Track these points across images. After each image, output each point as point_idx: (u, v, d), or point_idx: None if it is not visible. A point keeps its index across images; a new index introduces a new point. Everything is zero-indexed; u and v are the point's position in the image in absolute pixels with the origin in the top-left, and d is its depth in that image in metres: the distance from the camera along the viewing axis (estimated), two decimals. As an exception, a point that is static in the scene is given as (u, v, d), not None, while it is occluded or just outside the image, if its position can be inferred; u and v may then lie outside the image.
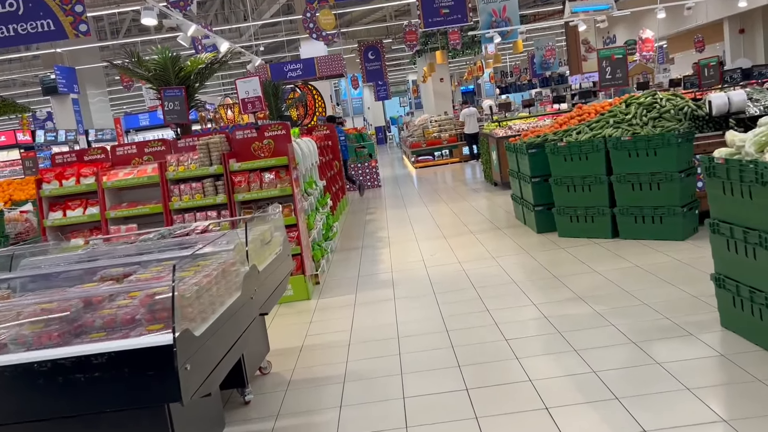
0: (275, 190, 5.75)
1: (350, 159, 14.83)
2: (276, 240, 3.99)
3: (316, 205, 7.93)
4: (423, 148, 18.72)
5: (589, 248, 6.17)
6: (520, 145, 7.28)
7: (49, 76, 19.37)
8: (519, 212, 7.98)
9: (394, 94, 44.01)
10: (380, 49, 21.28)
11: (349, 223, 10.01)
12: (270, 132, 5.99)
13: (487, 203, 10.06)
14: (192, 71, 5.98)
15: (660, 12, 13.24)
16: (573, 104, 14.14)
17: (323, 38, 10.49)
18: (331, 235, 8.12)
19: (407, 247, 7.48)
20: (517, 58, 38.77)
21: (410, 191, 13.15)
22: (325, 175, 10.09)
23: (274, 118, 11.78)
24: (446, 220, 8.99)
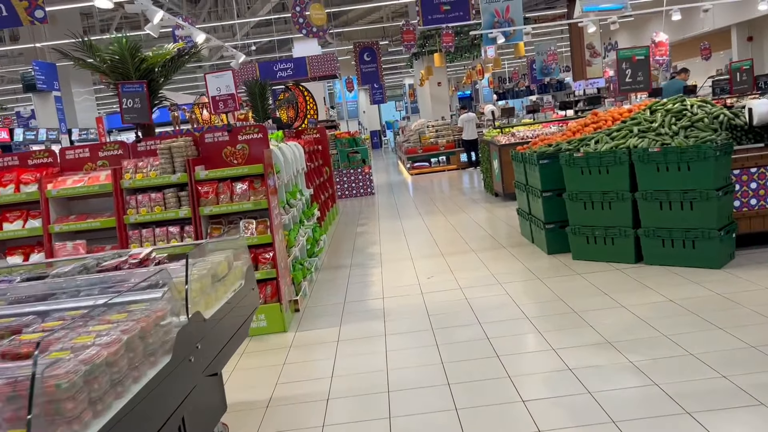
0: (248, 203, 4.92)
1: (342, 165, 14.02)
2: (236, 272, 3.17)
3: (300, 218, 7.12)
4: (419, 154, 17.93)
5: (610, 275, 5.37)
6: (530, 154, 6.49)
7: (30, 72, 18.51)
8: (526, 229, 7.18)
9: (390, 98, 43.23)
10: (376, 50, 20.50)
11: (338, 235, 9.19)
12: (244, 135, 5.18)
13: (488, 216, 9.26)
14: (156, 64, 5.15)
15: (675, 14, 12.51)
16: (577, 111, 13.38)
17: (314, 34, 9.70)
18: (317, 250, 7.30)
19: (401, 266, 6.67)
20: (516, 63, 38.12)
21: (405, 200, 12.34)
22: (312, 182, 9.28)
23: (261, 120, 10.96)
24: (444, 234, 8.18)
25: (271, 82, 14.17)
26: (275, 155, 6.23)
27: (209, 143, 5.18)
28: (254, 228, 4.95)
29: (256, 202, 4.91)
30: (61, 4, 13.10)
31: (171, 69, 5.24)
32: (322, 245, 7.95)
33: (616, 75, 6.51)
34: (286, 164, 6.71)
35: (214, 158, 5.18)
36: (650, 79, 6.48)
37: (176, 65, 5.26)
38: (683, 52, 24.14)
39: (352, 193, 13.99)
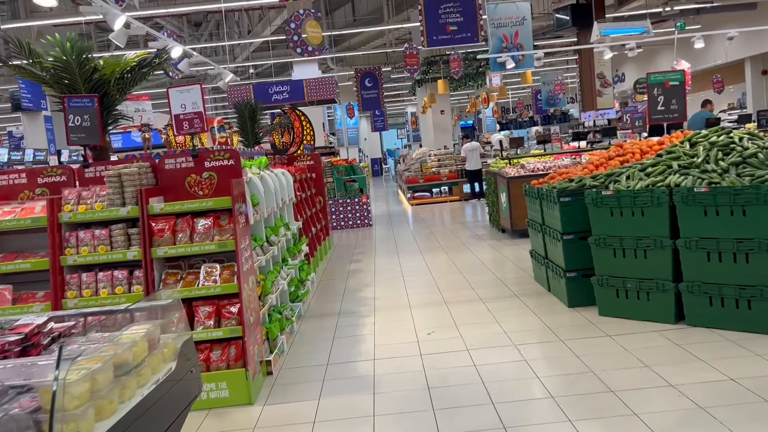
0: (211, 243, 4.05)
1: (338, 194, 13.19)
2: (164, 351, 2.28)
3: (284, 255, 6.24)
4: (420, 184, 17.12)
5: (647, 339, 4.47)
6: (549, 190, 5.63)
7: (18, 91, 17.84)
8: (541, 275, 6.29)
9: (392, 125, 42.72)
10: (378, 76, 19.87)
11: (329, 273, 8.29)
12: (212, 161, 4.32)
13: (495, 256, 8.37)
14: (111, 75, 4.33)
15: (698, 41, 11.80)
16: (591, 142, 12.60)
17: (309, 53, 8.95)
18: (302, 293, 6.40)
19: (397, 316, 5.76)
20: (520, 93, 37.60)
21: (404, 233, 11.47)
22: (303, 214, 8.42)
23: (250, 145, 10.15)
24: (447, 277, 7.29)
25: (265, 105, 13.44)
26: (254, 185, 5.38)
27: (170, 170, 4.33)
28: (218, 274, 4.07)
29: (221, 242, 4.04)
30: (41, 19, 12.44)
31: (129, 82, 4.41)
32: (309, 286, 7.05)
33: (648, 102, 5.72)
34: (268, 195, 5.86)
35: (175, 188, 4.33)
36: (685, 108, 5.68)
37: (136, 77, 4.44)
38: (695, 85, 23.48)
39: (348, 224, 13.13)
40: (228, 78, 9.03)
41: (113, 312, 2.38)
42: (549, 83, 24.56)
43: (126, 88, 4.42)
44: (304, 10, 8.70)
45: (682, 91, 5.61)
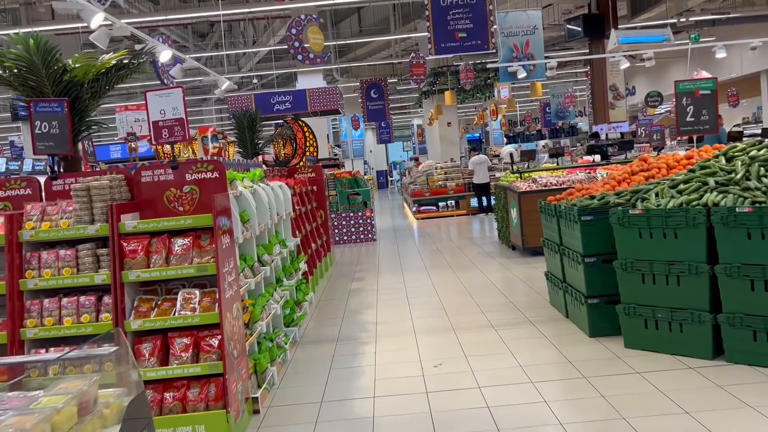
0: (189, 266, 3.57)
1: (341, 207, 12.72)
2: (102, 419, 1.79)
3: (278, 276, 5.76)
4: (426, 198, 16.64)
5: (682, 378, 3.95)
6: (568, 208, 5.14)
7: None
8: (557, 299, 5.78)
9: (397, 138, 42.35)
10: (384, 87, 19.48)
11: (329, 293, 7.79)
12: (194, 173, 3.86)
13: (505, 276, 7.86)
14: (83, 78, 3.88)
15: (720, 50, 11.33)
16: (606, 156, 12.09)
17: (311, 61, 8.53)
18: (297, 317, 5.91)
19: (401, 344, 5.25)
20: (528, 106, 37.17)
21: (410, 249, 10.97)
22: (302, 229, 7.95)
23: (249, 156, 9.71)
24: (455, 299, 6.78)
25: (267, 116, 13.03)
26: (245, 200, 4.92)
27: (147, 183, 3.87)
28: (198, 301, 3.59)
29: (201, 265, 3.56)
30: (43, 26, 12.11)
31: (104, 85, 3.96)
32: (307, 308, 6.56)
33: (675, 112, 5.25)
34: (261, 210, 5.39)
35: (153, 203, 3.86)
36: (717, 119, 5.20)
37: (112, 80, 3.99)
38: (707, 99, 23.03)
39: (351, 238, 12.65)
40: (224, 85, 8.60)
41: (41, 362, 1.90)
42: (558, 96, 24.15)
43: (101, 92, 3.97)
44: (306, 15, 8.29)
45: (714, 100, 5.13)
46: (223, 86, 8.63)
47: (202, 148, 6.07)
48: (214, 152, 6.10)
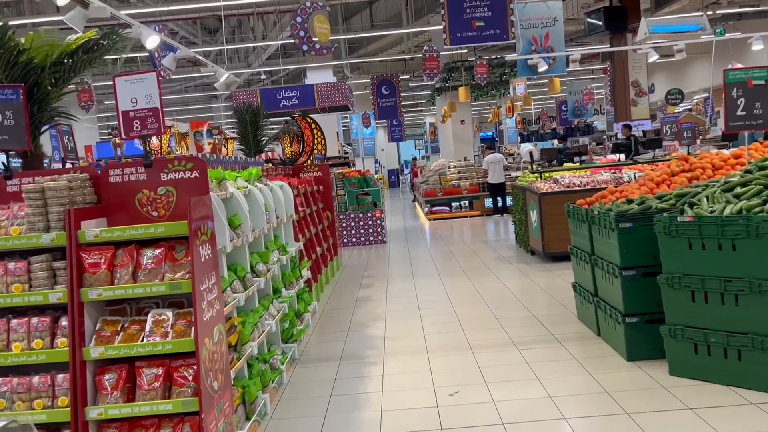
0: (161, 284, 3.00)
1: (350, 208, 12.15)
2: None
3: (275, 285, 5.21)
4: (438, 198, 16.03)
5: (744, 416, 3.34)
6: (603, 213, 4.52)
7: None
8: (587, 314, 5.17)
9: (409, 136, 41.74)
10: (395, 83, 18.88)
11: (334, 301, 7.22)
12: (170, 172, 3.30)
13: (525, 284, 7.25)
14: (43, 61, 3.33)
15: (757, 42, 10.62)
16: (631, 155, 11.44)
17: (316, 51, 7.97)
18: (297, 331, 5.34)
19: (412, 365, 4.67)
20: (542, 104, 36.39)
21: (421, 253, 10.38)
22: (306, 232, 7.39)
23: (252, 154, 9.17)
24: (471, 310, 6.18)
25: (273, 112, 12.49)
26: (236, 203, 4.37)
27: (116, 184, 3.31)
28: (170, 324, 3.02)
29: (175, 282, 2.99)
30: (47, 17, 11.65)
31: (69, 69, 3.41)
32: (309, 320, 6.00)
33: (724, 105, 4.64)
34: (256, 214, 4.84)
35: (124, 207, 3.31)
36: (773, 112, 4.58)
37: (77, 64, 3.44)
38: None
39: (360, 240, 12.08)
40: (224, 77, 8.05)
41: None
42: (575, 93, 23.43)
43: (65, 78, 3.42)
44: (312, 3, 7.73)
45: (768, 91, 4.53)
46: (222, 78, 8.07)
47: (194, 145, 5.52)
48: (208, 149, 5.55)
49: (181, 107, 29.56)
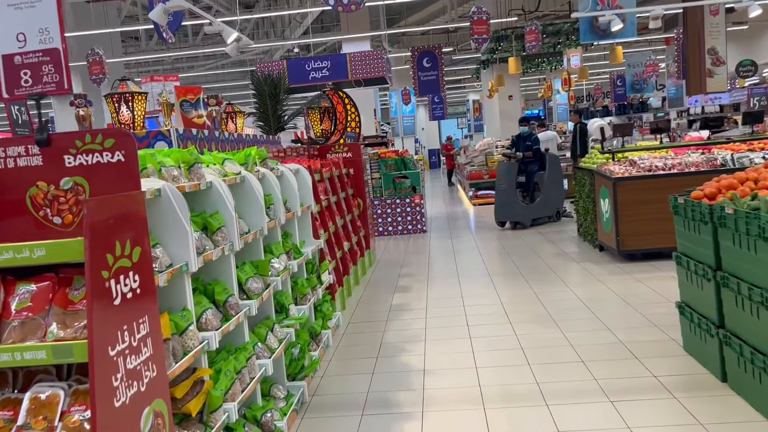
0: (39, 346, 1.75)
1: (386, 193, 10.83)
2: None
3: (281, 301, 3.97)
4: (485, 180, 14.58)
5: None
6: (751, 215, 3.08)
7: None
8: (704, 349, 3.74)
9: (451, 115, 40.02)
10: (438, 55, 17.35)
11: (362, 312, 5.95)
12: (80, 154, 2.03)
13: (600, 292, 5.83)
14: None
15: None
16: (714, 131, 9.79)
17: (345, 7, 6.64)
18: (309, 362, 4.08)
19: (463, 424, 3.36)
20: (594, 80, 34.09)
21: (467, 245, 9.02)
22: (330, 224, 6.13)
23: (272, 132, 7.94)
24: (536, 332, 4.82)
25: (301, 86, 11.24)
26: (215, 198, 3.11)
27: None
28: (59, 414, 1.78)
29: (61, 345, 1.74)
30: None
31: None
32: (328, 340, 4.75)
33: None
34: (250, 209, 3.59)
35: (8, 210, 2.07)
36: None
37: None
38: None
39: (397, 229, 10.78)
40: (232, 38, 6.74)
41: None
42: (634, 66, 21.46)
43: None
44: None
45: None
46: (229, 39, 6.77)
47: (180, 117, 4.28)
48: (197, 122, 4.31)
49: (214, 85, 28.60)
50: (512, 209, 9.96)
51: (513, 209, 9.96)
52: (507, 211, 10.00)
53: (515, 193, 9.98)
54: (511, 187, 9.90)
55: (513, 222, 10.07)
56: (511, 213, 10.00)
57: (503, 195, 9.98)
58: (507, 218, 10.07)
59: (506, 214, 10.06)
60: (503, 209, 10.02)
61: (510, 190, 9.92)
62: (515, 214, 9.99)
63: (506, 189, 9.93)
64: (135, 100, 3.95)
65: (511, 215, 10.02)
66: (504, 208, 10.00)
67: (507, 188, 9.92)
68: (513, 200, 9.92)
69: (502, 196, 9.99)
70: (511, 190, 9.92)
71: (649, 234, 6.78)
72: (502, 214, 10.09)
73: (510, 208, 9.95)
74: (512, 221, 10.06)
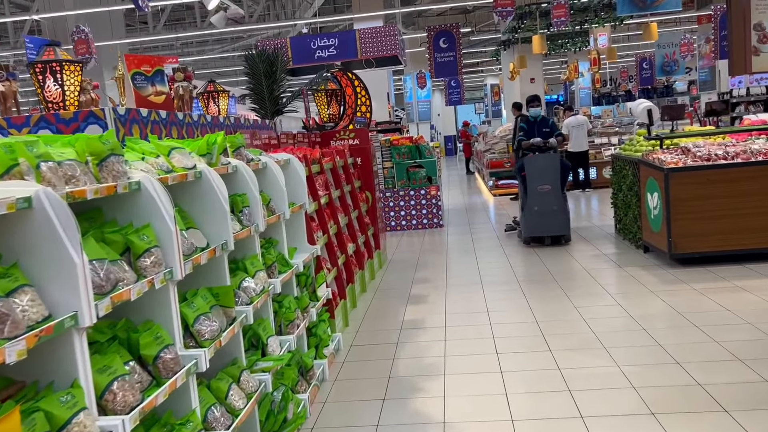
0: None
1: (399, 184, 9.85)
2: None
3: (259, 335, 3.03)
4: (506, 169, 13.53)
5: None
6: None
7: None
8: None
9: (468, 101, 38.77)
10: (456, 35, 16.24)
11: (368, 329, 5.00)
12: None
13: (654, 306, 4.82)
14: None
15: None
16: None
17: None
18: (293, 417, 3.14)
19: None
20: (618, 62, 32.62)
21: (489, 243, 8.03)
22: (331, 225, 5.19)
23: (269, 116, 6.96)
24: (584, 363, 3.83)
25: (305, 66, 10.27)
26: (144, 202, 2.16)
27: None
28: None
29: None
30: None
31: None
32: (323, 373, 3.82)
33: None
34: (210, 218, 2.68)
35: None
36: None
37: None
38: None
39: (411, 224, 9.81)
40: (213, 3, 5.76)
41: None
42: (665, 46, 20.16)
43: None
44: None
45: None
46: (210, 4, 5.76)
47: (132, 93, 3.34)
48: (154, 100, 3.37)
49: (223, 69, 27.65)
50: (556, 220, 7.37)
51: (556, 219, 7.38)
52: (549, 223, 7.38)
53: (561, 198, 7.37)
54: (557, 188, 7.34)
55: (553, 237, 7.51)
56: (553, 224, 7.40)
57: (544, 200, 7.30)
58: (548, 232, 7.43)
59: (548, 227, 7.40)
60: (544, 220, 7.38)
61: (555, 193, 7.32)
62: (558, 225, 7.41)
63: (551, 192, 7.31)
64: (65, 71, 3.01)
65: (553, 227, 7.42)
66: (544, 218, 7.36)
67: (553, 191, 7.31)
68: (560, 207, 7.36)
69: (543, 201, 7.31)
70: (556, 192, 7.33)
71: (708, 235, 5.75)
72: (542, 227, 7.41)
73: (553, 218, 7.36)
74: (552, 236, 7.49)
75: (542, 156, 7.52)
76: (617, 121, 14.63)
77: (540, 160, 7.49)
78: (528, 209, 7.47)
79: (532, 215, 7.42)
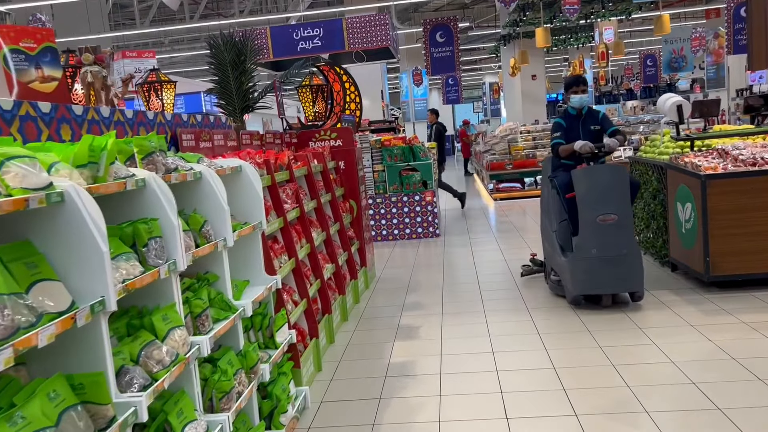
0: None
1: (391, 189, 8.91)
2: None
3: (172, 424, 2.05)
4: (507, 171, 12.63)
5: None
6: None
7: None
8: None
9: (466, 99, 37.84)
10: (453, 28, 15.33)
11: (344, 378, 4.06)
12: None
13: (700, 348, 3.89)
14: None
15: None
16: None
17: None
18: None
19: None
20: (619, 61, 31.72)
21: (491, 256, 7.11)
22: (294, 248, 4.26)
23: (237, 114, 6.01)
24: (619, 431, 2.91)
25: (288, 58, 9.38)
26: None
27: None
28: None
29: None
30: None
31: None
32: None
33: None
34: (73, 257, 1.68)
35: None
36: None
37: None
38: None
39: (404, 233, 8.87)
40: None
41: None
42: (672, 42, 19.28)
43: None
44: None
45: None
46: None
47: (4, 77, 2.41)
48: (39, 89, 2.44)
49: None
50: (625, 268, 4.71)
51: (626, 268, 4.71)
52: (614, 274, 4.71)
53: (632, 233, 4.84)
54: (626, 219, 4.75)
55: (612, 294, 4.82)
56: (620, 276, 4.73)
57: (608, 238, 4.69)
58: (614, 288, 4.78)
59: (613, 280, 4.73)
60: (607, 270, 4.70)
61: (625, 226, 4.73)
62: (628, 276, 4.73)
63: (619, 224, 4.69)
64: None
65: (621, 280, 4.75)
66: (607, 267, 4.69)
67: (621, 222, 4.69)
68: (631, 249, 4.72)
69: (606, 240, 4.69)
70: (626, 224, 4.74)
71: (756, 254, 4.83)
72: (605, 280, 4.73)
73: (621, 266, 4.70)
74: (613, 292, 4.81)
75: (601, 168, 4.90)
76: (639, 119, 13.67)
77: (598, 174, 4.83)
78: (579, 251, 4.80)
79: (588, 261, 4.73)
